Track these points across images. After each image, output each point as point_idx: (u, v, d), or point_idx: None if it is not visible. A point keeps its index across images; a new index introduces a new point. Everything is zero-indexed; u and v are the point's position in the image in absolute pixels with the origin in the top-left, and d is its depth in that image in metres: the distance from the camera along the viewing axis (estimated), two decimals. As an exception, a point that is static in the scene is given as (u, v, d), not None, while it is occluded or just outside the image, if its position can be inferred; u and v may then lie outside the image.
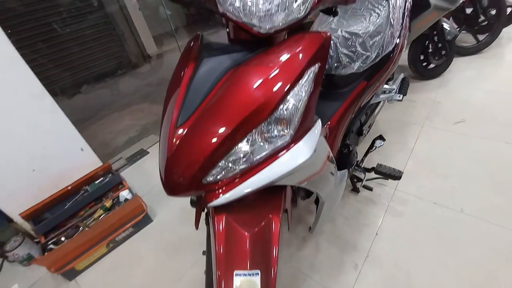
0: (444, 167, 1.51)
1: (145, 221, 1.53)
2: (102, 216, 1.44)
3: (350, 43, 1.08)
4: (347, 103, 1.04)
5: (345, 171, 1.04)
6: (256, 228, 0.64)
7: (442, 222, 1.26)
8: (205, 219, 0.86)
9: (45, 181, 1.48)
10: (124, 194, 1.54)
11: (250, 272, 0.59)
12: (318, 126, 0.67)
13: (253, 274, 0.59)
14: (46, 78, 3.08)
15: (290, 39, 0.63)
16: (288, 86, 0.56)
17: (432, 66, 2.24)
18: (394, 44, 1.15)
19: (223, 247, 0.62)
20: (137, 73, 3.90)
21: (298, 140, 0.62)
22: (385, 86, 1.37)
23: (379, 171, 1.31)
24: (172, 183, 0.60)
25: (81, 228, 1.39)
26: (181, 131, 0.59)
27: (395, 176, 1.28)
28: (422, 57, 2.20)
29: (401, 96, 1.35)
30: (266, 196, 0.69)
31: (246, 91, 0.56)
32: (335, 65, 1.09)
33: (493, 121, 1.73)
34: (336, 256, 1.22)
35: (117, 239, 1.45)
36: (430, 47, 2.14)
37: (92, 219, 1.44)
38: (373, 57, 1.08)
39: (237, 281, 0.59)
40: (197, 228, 0.84)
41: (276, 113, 0.57)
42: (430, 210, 1.32)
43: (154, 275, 1.30)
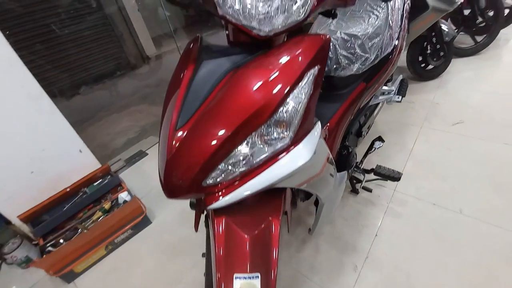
0: (443, 168, 1.52)
1: (144, 223, 1.53)
2: (101, 218, 1.44)
3: (349, 45, 1.08)
4: (346, 104, 1.04)
5: (344, 173, 1.04)
6: (256, 230, 0.64)
7: (441, 223, 1.26)
8: (205, 221, 0.85)
9: (44, 183, 1.47)
10: (123, 196, 1.54)
11: (250, 275, 0.59)
12: (318, 128, 0.67)
13: (253, 277, 0.59)
14: (44, 79, 3.07)
15: (290, 41, 0.63)
16: (288, 89, 0.56)
17: (430, 67, 2.25)
18: (393, 45, 1.16)
19: (223, 249, 0.62)
20: (136, 74, 3.89)
21: (298, 143, 0.62)
22: (384, 87, 1.37)
23: (378, 172, 1.31)
24: (171, 186, 0.60)
25: (79, 230, 1.39)
26: (180, 134, 0.59)
27: (394, 177, 1.28)
28: (420, 59, 2.21)
29: (400, 97, 1.36)
30: (266, 198, 0.69)
31: (246, 93, 0.56)
32: (334, 66, 1.09)
33: (491, 122, 1.74)
34: (336, 257, 1.22)
35: (116, 241, 1.45)
36: (429, 48, 2.15)
37: (91, 221, 1.43)
38: (372, 58, 1.09)
39: (237, 284, 0.59)
40: (196, 230, 0.84)
41: (276, 115, 0.57)
42: (429, 211, 1.32)
43: (153, 277, 1.29)
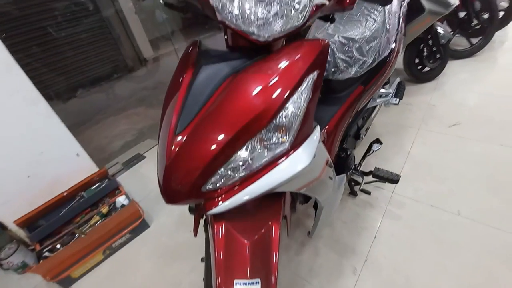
0: (441, 170, 1.53)
1: (142, 227, 1.52)
2: (98, 223, 1.42)
3: (347, 48, 1.09)
4: (344, 107, 1.05)
5: (343, 176, 1.05)
6: (256, 235, 0.64)
7: (440, 225, 1.26)
8: (204, 226, 0.85)
9: (40, 187, 1.46)
10: (121, 199, 1.52)
11: (251, 281, 0.59)
12: (317, 133, 0.67)
13: (253, 283, 0.59)
14: (40, 82, 3.04)
15: (289, 46, 0.63)
16: (287, 93, 0.56)
17: (427, 69, 2.27)
18: (390, 48, 1.17)
19: (222, 254, 0.62)
20: (133, 77, 3.87)
21: (297, 147, 0.62)
22: (381, 90, 1.38)
23: (377, 175, 1.31)
24: (171, 191, 0.59)
25: (77, 235, 1.37)
26: (180, 139, 0.58)
27: (393, 179, 1.28)
28: (417, 61, 2.22)
29: (397, 100, 1.36)
30: (265, 202, 0.69)
31: (246, 98, 0.56)
32: (332, 70, 1.10)
33: (488, 123, 1.75)
34: (335, 260, 1.21)
35: (113, 245, 1.43)
36: (425, 50, 2.16)
37: (88, 226, 1.42)
38: (370, 62, 1.09)
39: (237, 290, 0.59)
40: (195, 235, 0.84)
41: (275, 120, 0.57)
42: (427, 213, 1.32)
43: (151, 281, 1.28)
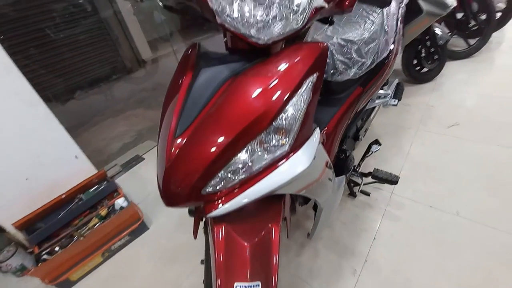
0: (439, 170, 1.53)
1: (141, 229, 1.51)
2: (97, 225, 1.42)
3: (346, 50, 1.09)
4: (343, 109, 1.05)
5: (342, 177, 1.05)
6: (256, 238, 0.64)
7: (439, 225, 1.27)
8: (204, 228, 0.85)
9: (39, 189, 1.45)
10: (120, 202, 1.52)
11: (251, 284, 0.59)
12: (317, 135, 0.67)
13: (253, 286, 0.59)
14: (39, 84, 3.03)
15: (288, 49, 0.63)
16: (287, 96, 0.56)
17: (425, 70, 2.28)
18: (388, 50, 1.17)
19: (223, 257, 0.62)
20: (131, 78, 3.86)
21: (297, 149, 0.62)
22: (380, 91, 1.38)
23: (376, 176, 1.32)
24: (170, 194, 0.59)
25: (75, 237, 1.37)
26: (179, 141, 0.58)
27: (392, 180, 1.29)
28: (415, 62, 2.23)
29: (396, 101, 1.37)
30: (265, 205, 0.69)
31: (245, 101, 0.56)
32: (331, 71, 1.10)
33: (486, 124, 1.76)
34: (335, 261, 1.21)
35: (112, 248, 1.43)
36: (423, 51, 2.17)
37: (87, 228, 1.41)
38: (369, 63, 1.10)
39: (237, 293, 0.59)
40: (195, 237, 0.83)
41: (275, 122, 0.57)
42: (426, 214, 1.33)
43: (150, 284, 1.28)
